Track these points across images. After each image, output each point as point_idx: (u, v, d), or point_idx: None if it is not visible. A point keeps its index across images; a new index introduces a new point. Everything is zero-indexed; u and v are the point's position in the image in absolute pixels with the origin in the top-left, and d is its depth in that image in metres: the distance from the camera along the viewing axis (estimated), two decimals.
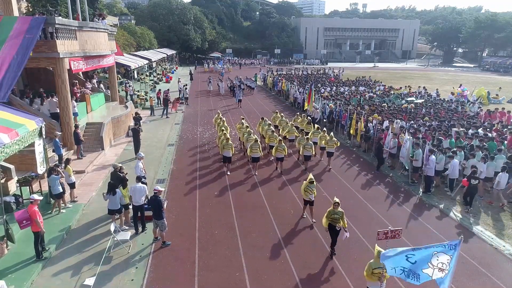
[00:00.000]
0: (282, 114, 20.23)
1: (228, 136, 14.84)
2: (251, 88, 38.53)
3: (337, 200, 8.91)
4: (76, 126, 15.42)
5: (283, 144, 14.75)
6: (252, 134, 15.82)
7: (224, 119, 18.26)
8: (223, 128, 16.73)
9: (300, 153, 15.39)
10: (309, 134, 16.71)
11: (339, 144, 15.89)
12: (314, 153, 15.30)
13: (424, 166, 12.81)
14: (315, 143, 15.92)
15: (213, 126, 20.38)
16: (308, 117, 19.82)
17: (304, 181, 10.92)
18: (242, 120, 17.90)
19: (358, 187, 13.64)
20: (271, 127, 17.11)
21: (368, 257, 8.90)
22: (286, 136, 17.26)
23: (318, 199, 11.26)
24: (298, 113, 21.37)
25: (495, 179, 12.08)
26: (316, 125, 17.62)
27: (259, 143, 14.73)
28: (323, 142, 15.81)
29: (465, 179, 11.80)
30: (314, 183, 10.72)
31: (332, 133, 15.90)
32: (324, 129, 16.62)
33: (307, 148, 14.86)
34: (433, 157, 12.70)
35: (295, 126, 18.03)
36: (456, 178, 12.87)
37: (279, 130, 18.28)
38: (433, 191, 13.11)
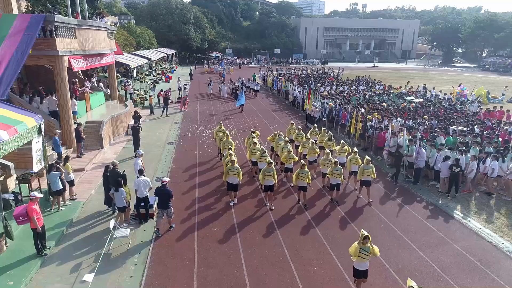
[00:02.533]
0: (299, 127, 16.63)
1: (234, 158, 11.75)
2: (255, 90, 35.75)
3: (414, 285, 5.98)
4: (79, 124, 15.45)
5: (306, 169, 11.50)
6: (266, 153, 13.13)
7: (227, 133, 15.29)
8: (230, 146, 13.76)
9: (329, 179, 12.09)
10: (333, 152, 13.72)
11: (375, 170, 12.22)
12: (343, 180, 12.08)
13: (415, 159, 13.34)
14: (342, 164, 12.62)
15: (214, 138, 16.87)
16: (329, 132, 15.36)
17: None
18: (253, 134, 14.75)
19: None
20: (288, 144, 13.82)
21: None
22: (307, 156, 13.93)
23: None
24: (315, 124, 18.10)
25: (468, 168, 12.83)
26: (341, 141, 14.25)
27: (273, 167, 11.59)
28: (353, 164, 12.62)
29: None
30: (370, 243, 7.28)
31: (367, 157, 12.20)
32: (355, 149, 13.04)
33: (335, 174, 11.65)
34: (423, 150, 13.28)
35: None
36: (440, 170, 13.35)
37: (295, 146, 15.39)
38: (429, 187, 13.45)
